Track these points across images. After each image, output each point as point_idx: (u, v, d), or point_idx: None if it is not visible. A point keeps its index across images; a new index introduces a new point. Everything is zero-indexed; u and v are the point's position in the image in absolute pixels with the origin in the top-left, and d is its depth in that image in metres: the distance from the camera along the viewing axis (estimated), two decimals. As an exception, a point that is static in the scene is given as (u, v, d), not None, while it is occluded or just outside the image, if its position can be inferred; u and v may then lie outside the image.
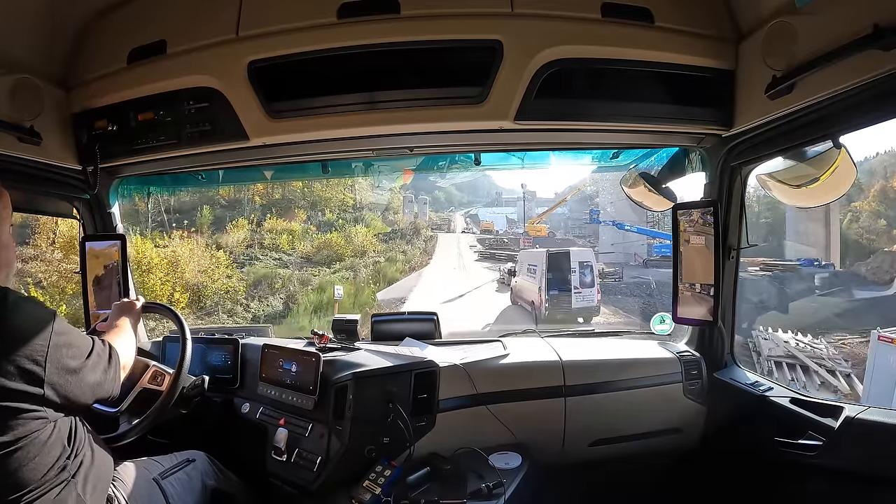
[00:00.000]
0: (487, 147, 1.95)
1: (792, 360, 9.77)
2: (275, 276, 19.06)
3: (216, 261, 17.58)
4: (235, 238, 21.35)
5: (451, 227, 39.65)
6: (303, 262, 21.69)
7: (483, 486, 1.52)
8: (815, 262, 17.94)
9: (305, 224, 24.45)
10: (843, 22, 1.14)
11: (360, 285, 20.02)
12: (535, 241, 31.24)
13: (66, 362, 1.06)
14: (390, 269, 22.94)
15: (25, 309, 1.04)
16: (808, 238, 20.04)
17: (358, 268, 22.08)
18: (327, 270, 21.22)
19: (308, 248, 22.59)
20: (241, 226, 22.29)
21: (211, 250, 18.37)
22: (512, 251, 28.98)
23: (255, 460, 1.69)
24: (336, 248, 22.88)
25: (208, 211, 22.35)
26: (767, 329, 10.94)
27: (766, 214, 21.79)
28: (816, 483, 1.51)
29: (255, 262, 20.35)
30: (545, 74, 1.47)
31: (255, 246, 21.62)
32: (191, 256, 16.58)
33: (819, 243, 19.79)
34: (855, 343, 11.11)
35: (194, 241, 18.26)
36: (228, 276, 17.43)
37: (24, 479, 0.99)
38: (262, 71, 1.52)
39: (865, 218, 24.70)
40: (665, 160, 2.04)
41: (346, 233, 24.82)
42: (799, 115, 1.37)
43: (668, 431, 1.94)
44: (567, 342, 2.16)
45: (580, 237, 35.62)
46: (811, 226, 20.13)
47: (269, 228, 23.05)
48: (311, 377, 1.69)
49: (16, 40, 1.49)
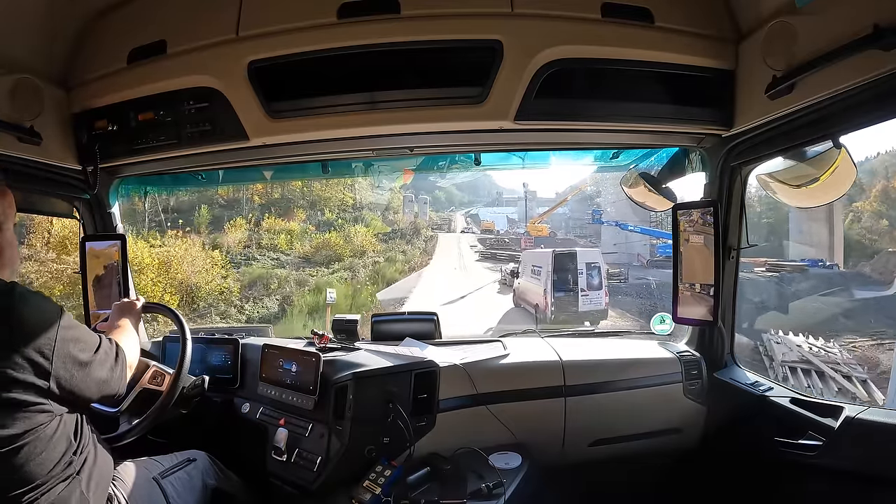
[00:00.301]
0: (487, 147, 1.95)
1: (807, 365, 9.16)
2: (270, 276, 18.77)
3: (211, 261, 17.12)
4: (234, 238, 21.04)
5: (451, 227, 39.49)
6: (301, 262, 21.41)
7: (483, 486, 1.52)
8: (820, 263, 17.54)
9: (304, 224, 24.20)
10: (843, 22, 1.14)
11: (357, 286, 19.63)
12: (537, 241, 30.99)
13: (73, 356, 1.06)
14: (389, 270, 22.57)
15: (33, 302, 1.05)
16: (812, 238, 19.58)
17: (356, 268, 21.74)
18: (325, 271, 20.90)
19: (307, 249, 22.30)
20: (239, 225, 21.95)
21: (207, 250, 17.90)
22: (513, 251, 28.62)
23: (255, 460, 1.69)
24: (335, 248, 22.57)
25: (206, 210, 21.99)
26: (778, 332, 10.36)
27: (769, 214, 21.36)
28: (816, 483, 1.51)
29: (252, 262, 20.05)
30: (545, 74, 1.47)
31: (253, 246, 21.31)
32: (184, 257, 16.25)
33: (822, 243, 19.37)
34: (866, 346, 10.67)
35: (189, 240, 17.68)
36: (224, 277, 17.09)
37: (30, 474, 1.00)
38: (262, 71, 1.52)
39: (867, 218, 24.55)
40: (665, 160, 2.04)
41: (345, 232, 24.49)
42: (799, 115, 1.37)
43: (668, 431, 1.94)
44: (567, 342, 2.16)
45: (581, 237, 35.40)
46: (814, 226, 19.63)
47: (268, 228, 22.72)
48: (312, 377, 1.69)
49: (16, 40, 1.49)
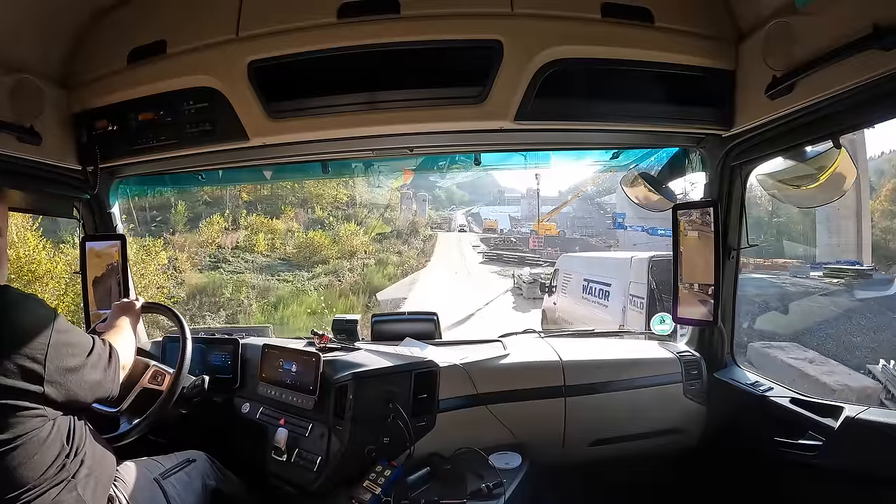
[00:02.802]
0: (487, 147, 1.95)
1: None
2: (222, 285, 15.76)
3: (156, 266, 13.83)
4: (206, 238, 18.70)
5: (451, 227, 38.99)
6: (281, 264, 19.27)
7: (483, 486, 1.52)
8: (857, 265, 14.31)
9: (289, 223, 22.11)
10: (843, 22, 1.14)
11: (336, 298, 16.39)
12: (547, 241, 29.82)
13: (66, 361, 1.05)
14: (377, 276, 19.51)
15: (26, 306, 1.04)
16: (840, 238, 17.36)
17: (342, 272, 19.28)
18: (306, 275, 18.56)
19: (289, 249, 20.08)
20: (215, 223, 19.54)
21: (154, 254, 14.06)
22: (523, 252, 27.38)
23: (255, 460, 1.69)
24: (319, 249, 20.17)
25: (183, 208, 19.69)
26: (890, 362, 7.59)
27: (781, 213, 20.65)
28: (816, 483, 1.51)
29: (222, 265, 17.66)
30: (545, 74, 1.47)
31: (228, 247, 18.85)
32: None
33: (851, 244, 17.23)
34: None
35: (138, 241, 14.05)
36: (159, 287, 13.77)
37: (22, 477, 0.99)
38: (262, 71, 1.52)
39: (878, 217, 24.25)
40: (665, 160, 2.04)
41: (334, 231, 22.32)
42: (799, 115, 1.37)
43: (668, 431, 1.94)
44: (567, 342, 2.16)
45: (591, 236, 34.47)
46: (842, 224, 17.31)
47: (249, 226, 20.47)
48: (311, 377, 1.69)
49: (16, 40, 1.49)
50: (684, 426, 1.96)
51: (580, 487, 1.96)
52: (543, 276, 14.19)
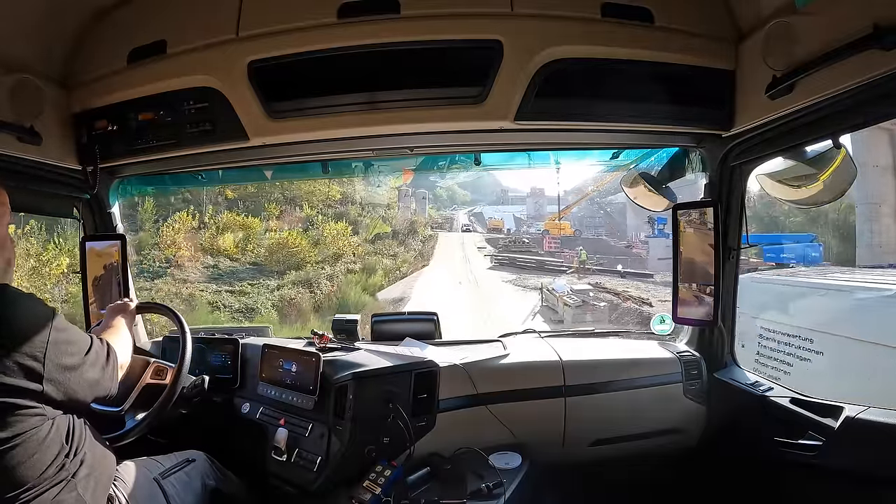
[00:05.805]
0: (487, 147, 1.95)
1: None
2: (152, 297, 12.29)
3: (57, 276, 11.92)
4: (166, 240, 16.30)
5: (453, 227, 38.35)
6: (248, 270, 16.64)
7: (483, 486, 1.52)
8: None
9: (271, 221, 19.59)
10: (843, 22, 1.14)
11: (294, 319, 13.39)
12: (563, 242, 27.30)
13: (65, 359, 1.06)
14: (352, 292, 15.44)
15: (25, 305, 1.04)
16: (882, 238, 14.99)
17: (318, 280, 16.11)
18: (272, 284, 15.31)
19: (261, 252, 17.33)
20: (180, 222, 16.97)
21: (62, 255, 12.03)
22: (540, 256, 23.88)
23: (255, 460, 1.69)
24: (294, 251, 17.12)
25: (151, 205, 17.08)
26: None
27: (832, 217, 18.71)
28: (816, 483, 1.51)
29: (173, 271, 14.90)
30: (545, 74, 1.47)
31: (185, 250, 16.14)
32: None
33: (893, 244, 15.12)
34: None
35: (29, 241, 11.94)
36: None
37: (21, 476, 0.99)
38: (262, 71, 1.52)
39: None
40: (665, 160, 2.04)
41: (318, 231, 19.62)
42: (799, 115, 1.37)
43: (668, 431, 1.94)
44: (567, 342, 2.16)
45: (608, 235, 32.92)
46: (884, 223, 14.98)
47: (218, 225, 17.88)
48: (311, 377, 1.68)
49: (16, 40, 1.49)
50: (684, 426, 1.96)
51: (580, 487, 1.96)
52: (591, 292, 10.20)
